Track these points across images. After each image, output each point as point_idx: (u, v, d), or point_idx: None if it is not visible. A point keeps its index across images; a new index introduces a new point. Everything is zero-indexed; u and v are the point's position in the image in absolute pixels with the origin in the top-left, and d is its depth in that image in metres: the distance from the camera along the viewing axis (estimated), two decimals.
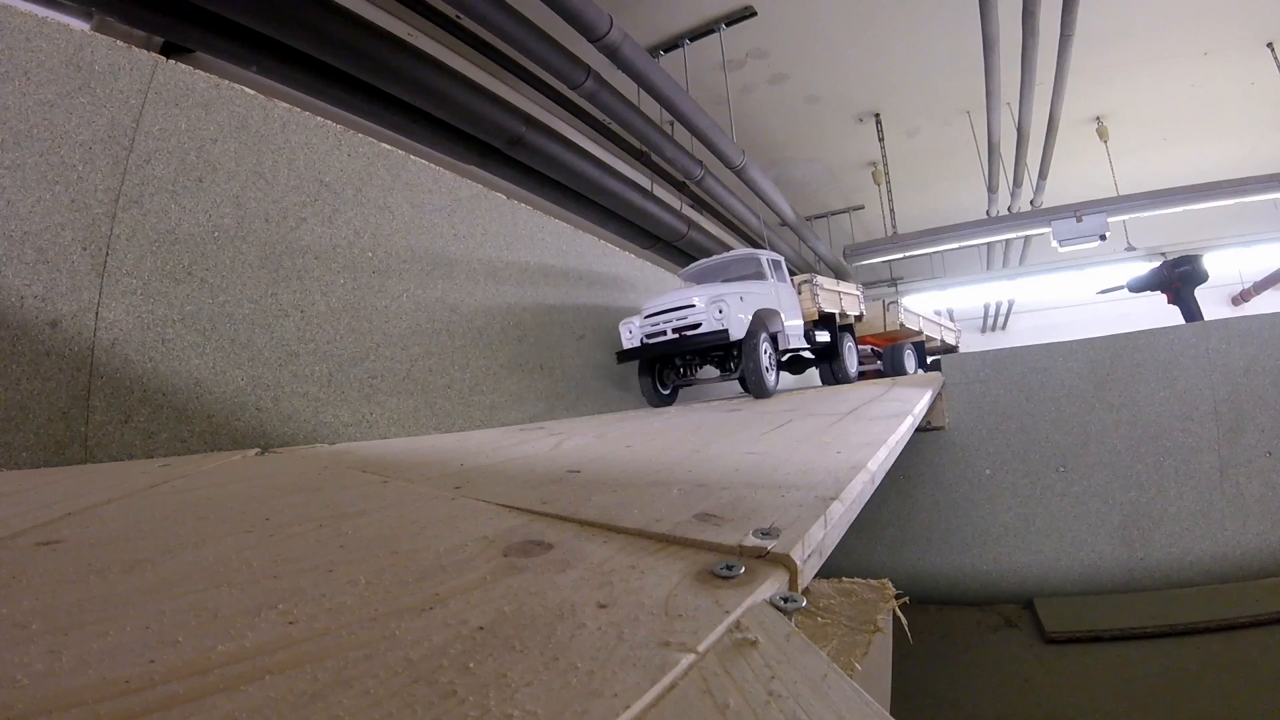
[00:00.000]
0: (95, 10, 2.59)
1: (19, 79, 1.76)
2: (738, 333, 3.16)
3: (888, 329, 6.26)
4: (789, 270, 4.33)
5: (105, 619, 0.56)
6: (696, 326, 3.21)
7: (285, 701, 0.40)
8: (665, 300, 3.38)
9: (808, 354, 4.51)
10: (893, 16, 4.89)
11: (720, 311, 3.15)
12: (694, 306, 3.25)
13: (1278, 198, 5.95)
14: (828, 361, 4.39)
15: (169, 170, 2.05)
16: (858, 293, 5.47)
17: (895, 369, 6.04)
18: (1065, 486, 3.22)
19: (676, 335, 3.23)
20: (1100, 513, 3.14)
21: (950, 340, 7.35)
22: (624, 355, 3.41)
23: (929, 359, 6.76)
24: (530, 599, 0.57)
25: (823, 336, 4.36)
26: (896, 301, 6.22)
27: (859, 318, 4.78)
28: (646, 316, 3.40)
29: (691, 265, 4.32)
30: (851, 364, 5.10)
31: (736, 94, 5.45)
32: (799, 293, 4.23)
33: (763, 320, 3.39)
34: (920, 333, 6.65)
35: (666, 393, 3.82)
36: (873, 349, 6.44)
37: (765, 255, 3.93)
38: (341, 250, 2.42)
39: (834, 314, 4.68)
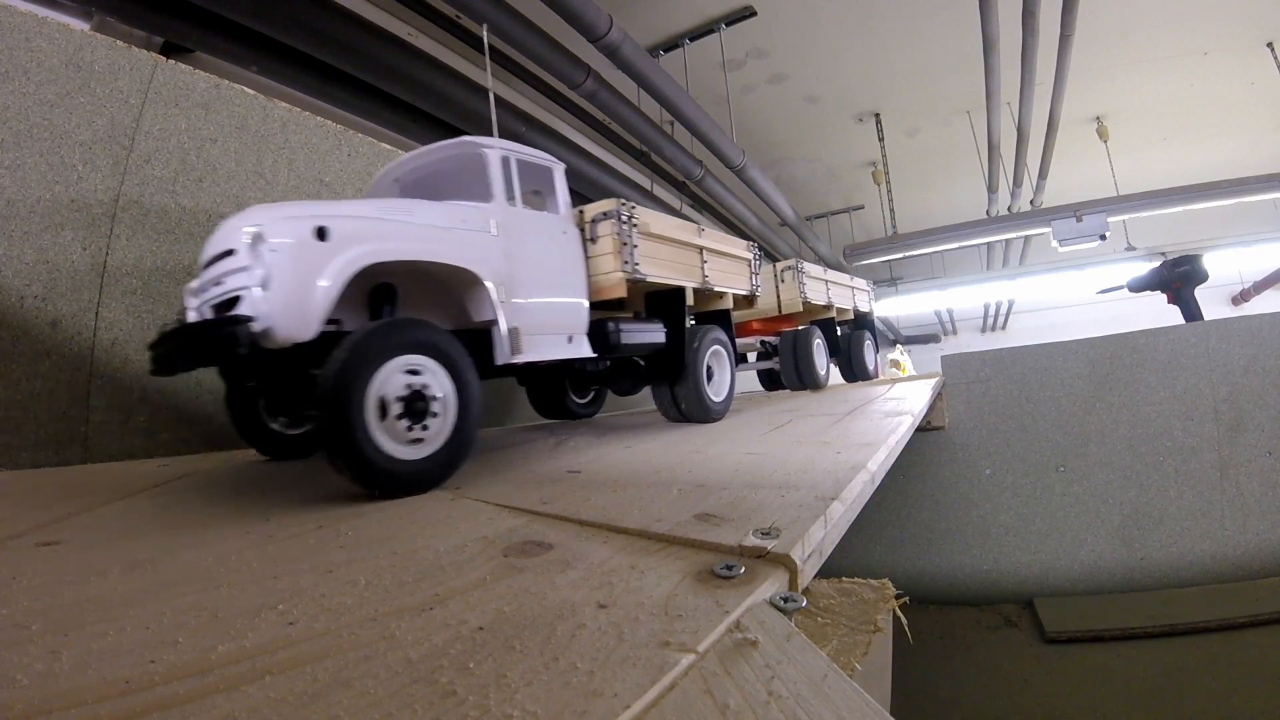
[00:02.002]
0: (95, 10, 2.59)
1: (19, 79, 1.76)
2: (288, 323, 1.25)
3: (785, 308, 4.01)
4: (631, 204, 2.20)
5: (105, 619, 0.56)
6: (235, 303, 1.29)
7: (285, 701, 0.40)
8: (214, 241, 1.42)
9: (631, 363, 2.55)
10: (893, 16, 4.89)
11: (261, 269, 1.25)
12: (234, 255, 1.32)
13: (1278, 198, 5.95)
14: (668, 377, 2.38)
15: (169, 170, 2.06)
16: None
17: (802, 370, 3.85)
18: (1065, 486, 3.21)
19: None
20: (1100, 513, 3.14)
21: (863, 305, 4.98)
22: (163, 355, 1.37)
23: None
24: (530, 599, 0.57)
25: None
26: (796, 267, 3.91)
27: (749, 298, 2.97)
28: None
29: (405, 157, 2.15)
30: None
31: (736, 94, 5.45)
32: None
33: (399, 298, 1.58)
34: (830, 307, 4.34)
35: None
36: (763, 341, 4.17)
37: (495, 150, 1.87)
38: None
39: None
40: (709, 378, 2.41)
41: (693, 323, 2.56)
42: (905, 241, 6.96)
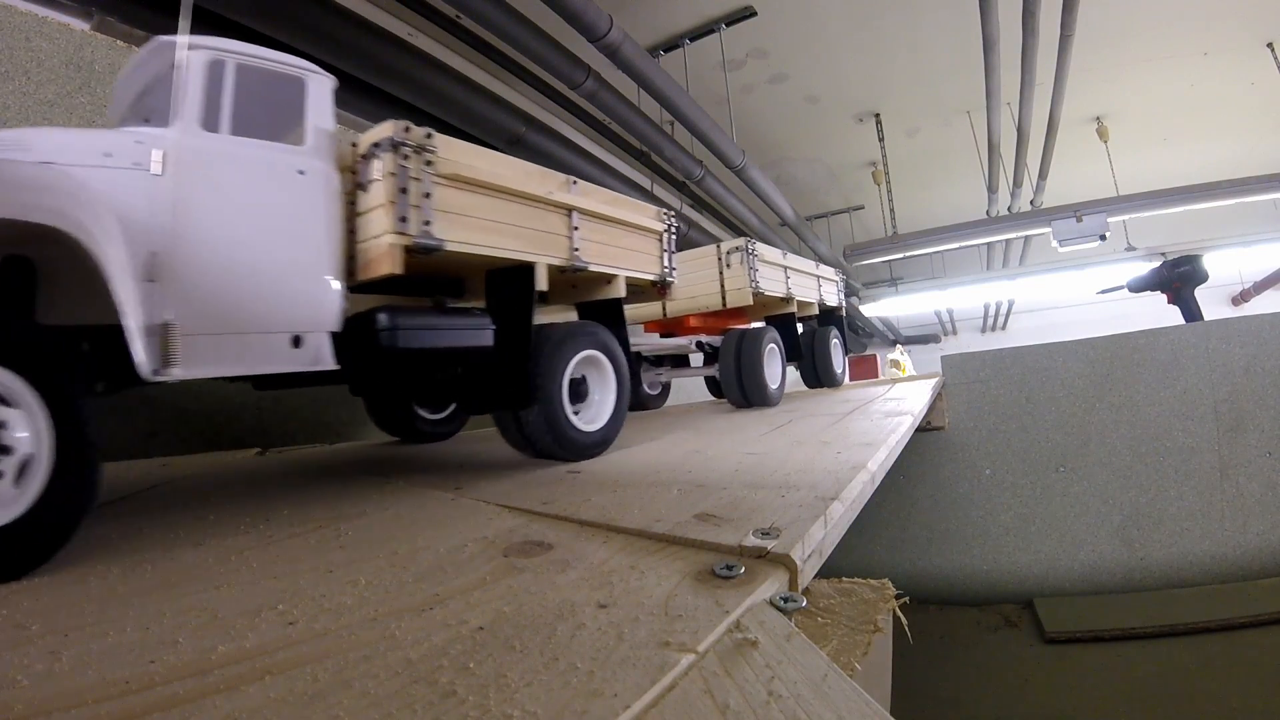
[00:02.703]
0: (95, 10, 2.59)
1: (19, 78, 1.76)
2: None
3: (731, 301, 3.18)
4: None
5: (105, 619, 0.56)
6: None
7: (285, 701, 0.40)
8: None
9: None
10: (893, 16, 4.89)
11: None
12: None
13: (1278, 198, 5.94)
14: (502, 397, 1.61)
15: None
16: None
17: (745, 379, 2.94)
18: (1065, 486, 3.21)
19: None
20: (1100, 513, 3.14)
21: (830, 298, 4.12)
22: None
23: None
24: (530, 599, 0.57)
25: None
26: (746, 249, 3.12)
27: (659, 285, 2.20)
28: None
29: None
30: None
31: (736, 94, 5.45)
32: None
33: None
34: (789, 300, 3.53)
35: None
36: (701, 342, 3.27)
37: (198, 52, 1.33)
38: None
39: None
40: (579, 397, 1.65)
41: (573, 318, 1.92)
42: (905, 241, 6.96)
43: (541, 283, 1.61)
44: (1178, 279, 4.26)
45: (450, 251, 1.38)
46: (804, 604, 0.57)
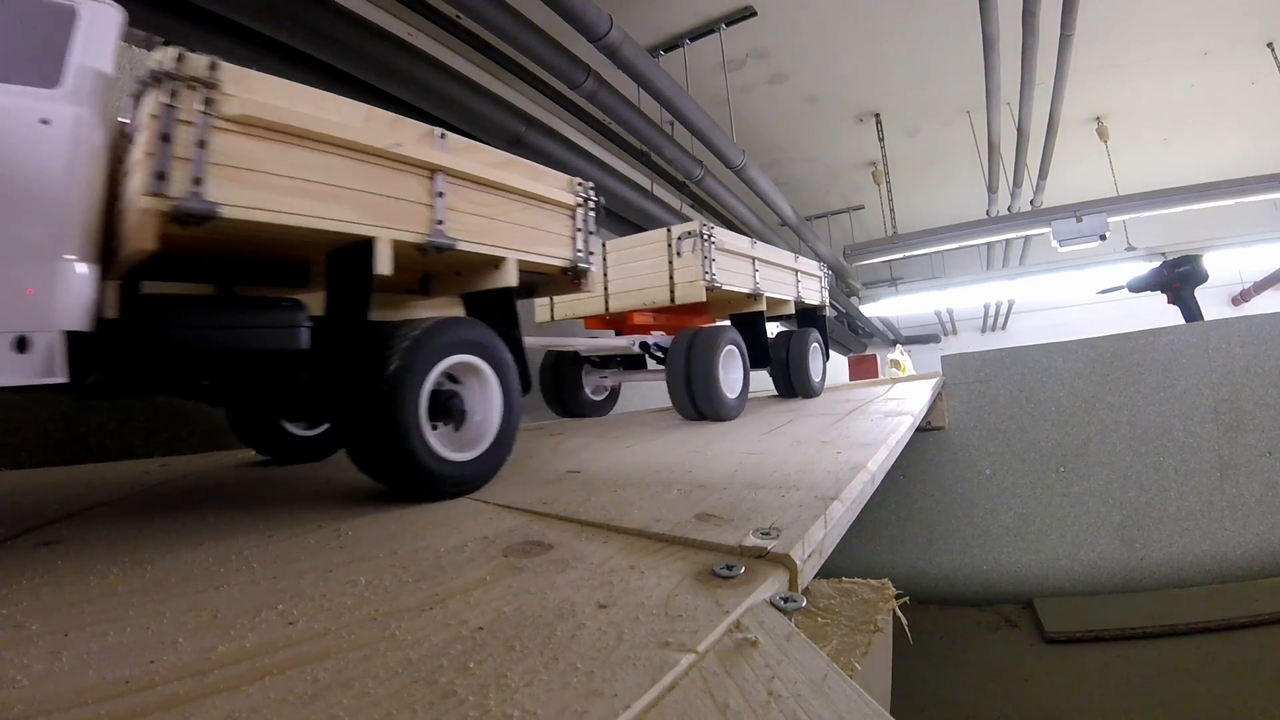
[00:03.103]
0: None
1: None
2: None
3: (681, 296, 2.64)
4: None
5: (105, 619, 0.56)
6: None
7: (285, 701, 0.40)
8: None
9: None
10: (893, 16, 4.89)
11: None
12: None
13: (1278, 198, 5.94)
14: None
15: None
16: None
17: (696, 388, 2.37)
18: (1065, 486, 3.21)
19: None
20: (1100, 513, 3.14)
21: (812, 296, 3.53)
22: None
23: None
24: (530, 599, 0.57)
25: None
26: (700, 234, 2.57)
27: (571, 274, 1.78)
28: None
29: None
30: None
31: (736, 94, 5.45)
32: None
33: None
34: (757, 296, 2.95)
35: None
36: (646, 343, 2.78)
37: None
38: None
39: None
40: (445, 413, 1.23)
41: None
42: (905, 241, 6.96)
43: (383, 264, 1.22)
44: (1178, 279, 4.26)
45: (234, 220, 1.02)
46: (804, 604, 0.57)
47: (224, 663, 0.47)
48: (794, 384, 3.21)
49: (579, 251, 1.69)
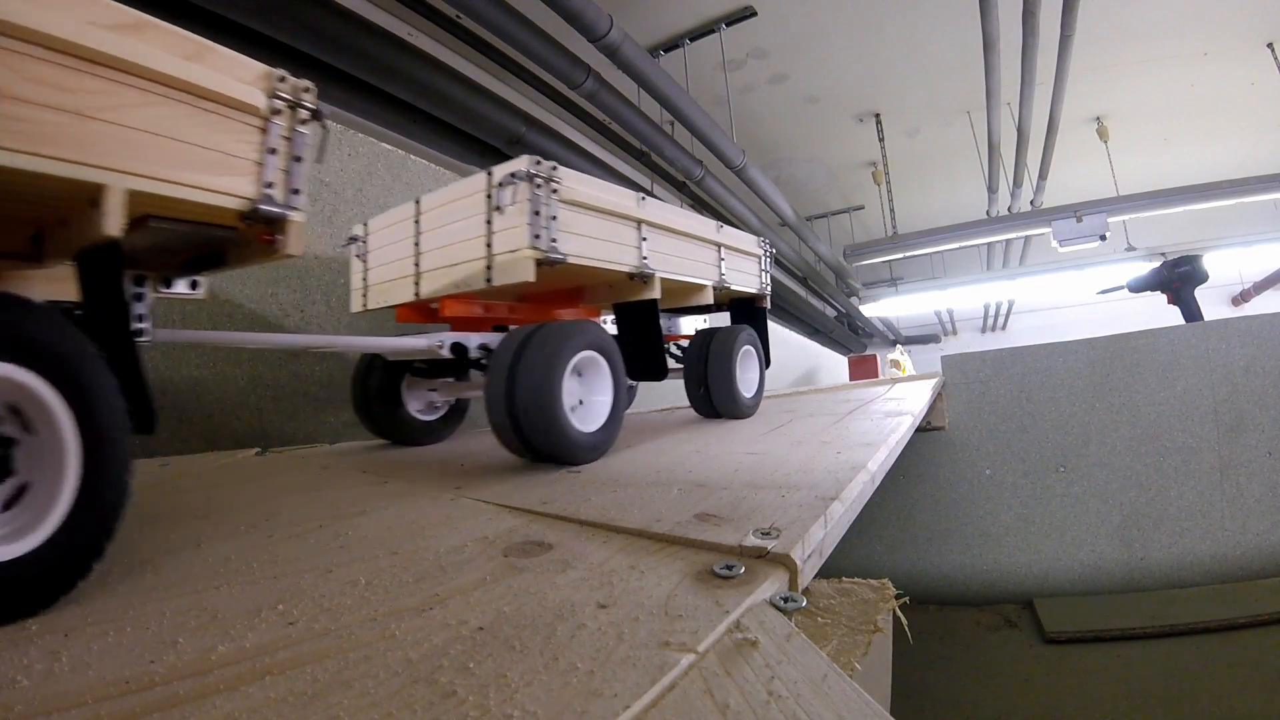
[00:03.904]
0: None
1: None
2: None
3: (499, 274, 1.42)
4: None
5: (105, 619, 0.56)
6: None
7: (285, 702, 0.40)
8: None
9: None
10: (893, 16, 4.89)
11: None
12: None
13: (1278, 198, 5.95)
14: None
15: None
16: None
17: (525, 418, 1.24)
18: (1065, 486, 3.21)
19: None
20: (1100, 513, 3.14)
21: (745, 281, 2.36)
22: None
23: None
24: (530, 599, 0.57)
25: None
26: (530, 177, 1.35)
27: (256, 221, 0.96)
28: None
29: None
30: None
31: (736, 94, 5.45)
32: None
33: None
34: (647, 279, 1.78)
35: None
36: (461, 344, 1.59)
37: None
38: (341, 250, 2.42)
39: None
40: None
41: None
42: (905, 241, 6.96)
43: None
44: (1178, 279, 4.26)
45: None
46: (804, 604, 0.57)
47: (224, 663, 0.47)
48: (713, 399, 2.18)
49: (270, 186, 1.04)
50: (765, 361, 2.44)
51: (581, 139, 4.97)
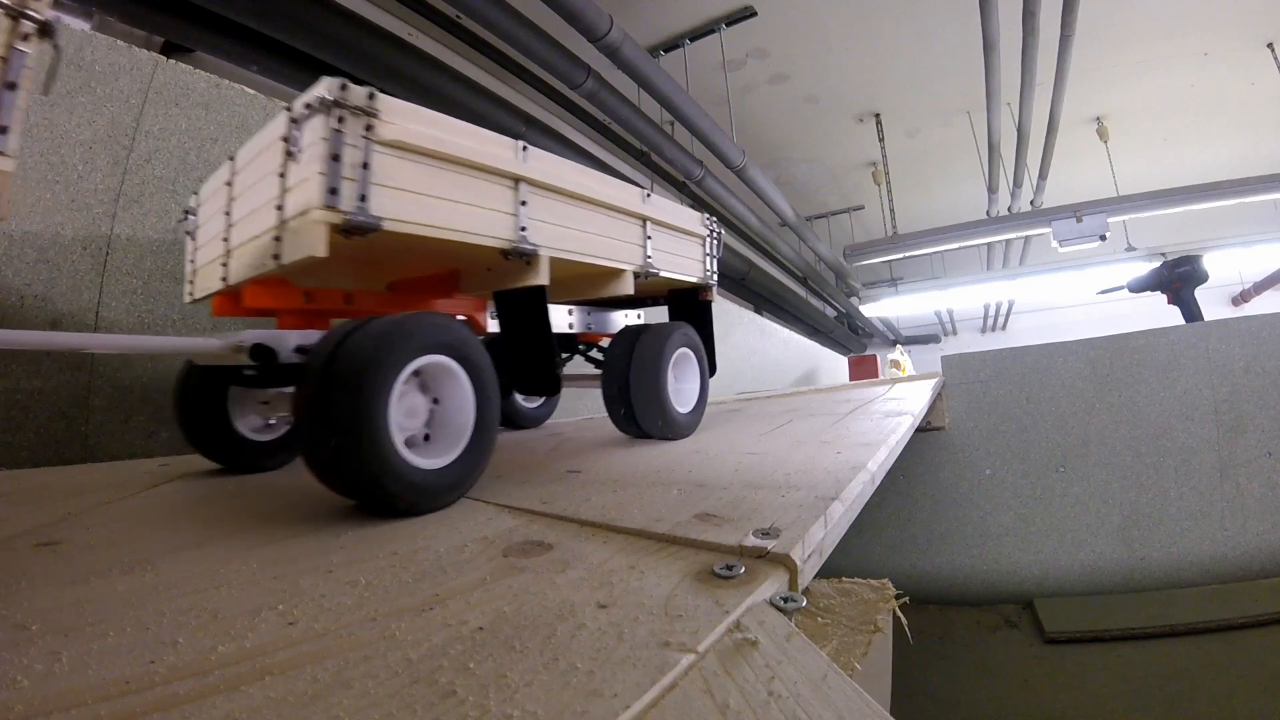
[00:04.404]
0: (95, 10, 2.59)
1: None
2: None
3: (288, 249, 0.96)
4: None
5: (105, 619, 0.56)
6: None
7: (285, 702, 0.40)
8: None
9: None
10: (893, 16, 4.89)
11: None
12: None
13: (1278, 198, 5.95)
14: None
15: (169, 170, 2.06)
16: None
17: (323, 445, 0.84)
18: (1065, 487, 3.21)
19: None
20: (1100, 513, 3.14)
21: (687, 269, 1.84)
22: None
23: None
24: (530, 599, 0.57)
25: None
26: (328, 105, 0.87)
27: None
28: None
29: None
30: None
31: (736, 94, 5.45)
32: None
33: None
34: (528, 256, 1.22)
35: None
36: (265, 346, 1.07)
37: None
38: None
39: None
40: None
41: None
42: (905, 241, 6.96)
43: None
44: (1178, 279, 4.26)
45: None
46: (804, 604, 0.57)
47: (224, 663, 0.47)
48: (637, 415, 1.66)
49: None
50: (710, 368, 1.91)
51: (581, 139, 4.97)
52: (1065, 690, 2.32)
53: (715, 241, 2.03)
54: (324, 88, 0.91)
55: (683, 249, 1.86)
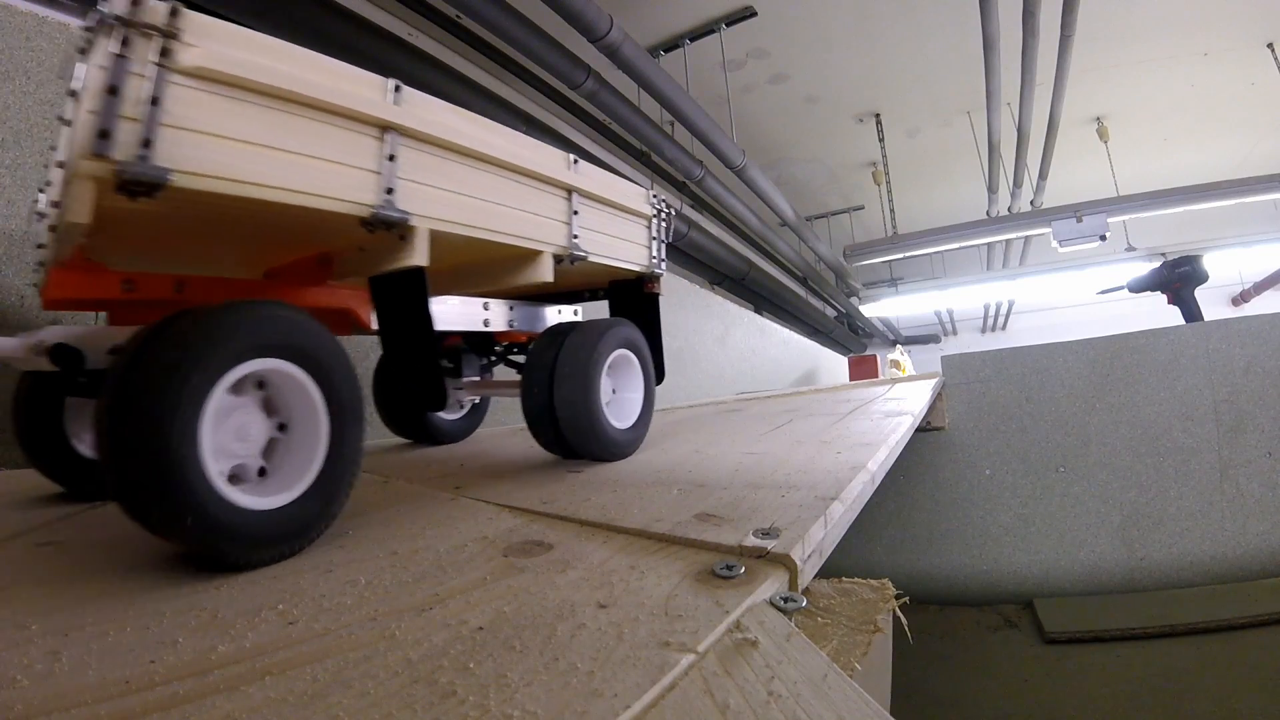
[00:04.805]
0: (91, 8, 2.59)
1: (19, 78, 1.76)
2: None
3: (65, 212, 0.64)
4: None
5: (105, 619, 0.56)
6: None
7: (285, 702, 0.40)
8: None
9: None
10: (893, 16, 4.89)
11: None
12: None
13: (1278, 198, 5.95)
14: None
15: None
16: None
17: (153, 525, 0.63)
18: (1065, 487, 3.21)
19: None
20: (1100, 513, 3.14)
21: (631, 254, 1.50)
22: None
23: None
24: (530, 599, 0.57)
25: None
26: (124, 24, 0.63)
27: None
28: None
29: None
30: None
31: (736, 94, 5.45)
32: None
33: None
34: (399, 229, 0.93)
35: None
36: (67, 347, 0.94)
37: None
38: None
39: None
40: None
41: None
42: (905, 242, 6.96)
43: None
44: (1178, 279, 4.26)
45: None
46: (804, 604, 0.57)
47: (224, 663, 0.47)
48: (563, 430, 1.31)
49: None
50: (657, 374, 1.60)
51: (581, 139, 4.97)
52: (1065, 690, 2.32)
53: (664, 224, 1.69)
54: (111, 2, 0.69)
55: (622, 230, 1.52)
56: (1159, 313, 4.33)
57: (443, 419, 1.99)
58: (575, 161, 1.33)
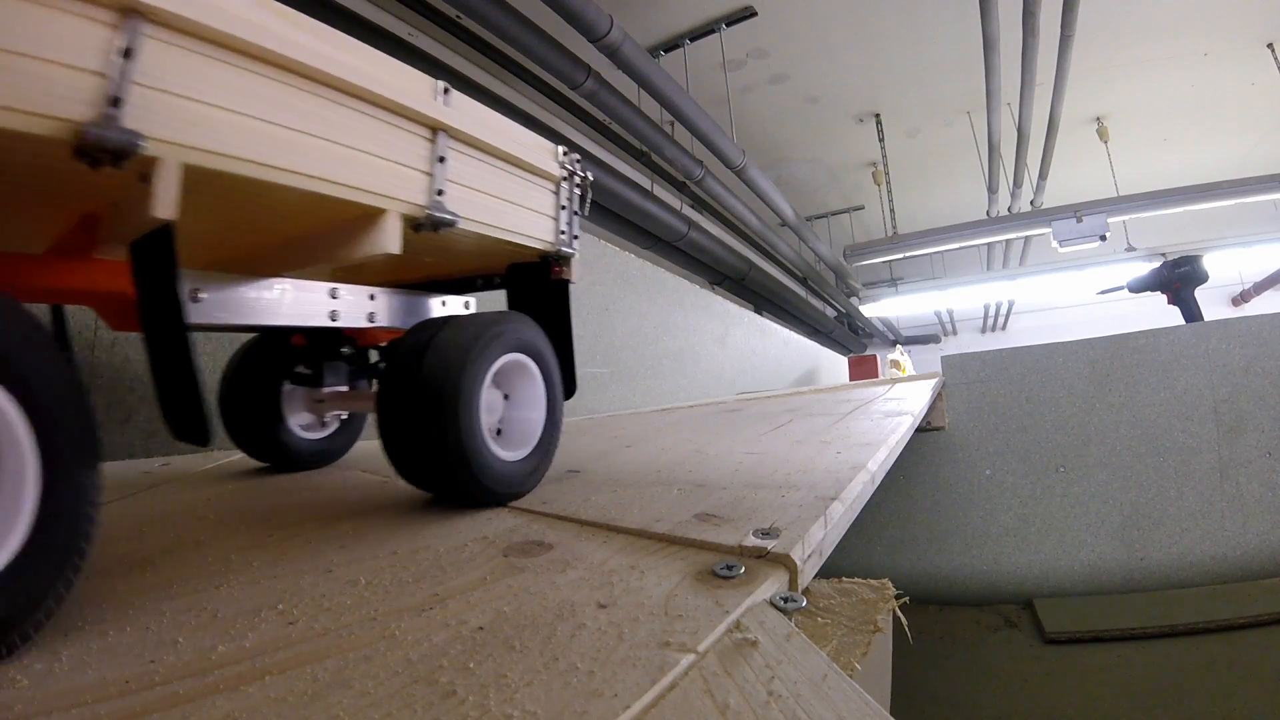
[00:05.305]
0: None
1: None
2: None
3: None
4: None
5: (105, 619, 0.56)
6: None
7: (285, 701, 0.40)
8: None
9: None
10: (893, 16, 4.89)
11: None
12: None
13: (1278, 198, 5.95)
14: None
15: None
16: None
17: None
18: (1065, 487, 3.21)
19: None
20: (1100, 513, 3.14)
21: (529, 228, 1.08)
22: None
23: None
24: (530, 599, 0.57)
25: None
26: None
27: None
28: None
29: None
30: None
31: (736, 94, 5.46)
32: None
33: None
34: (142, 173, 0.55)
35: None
36: None
37: None
38: None
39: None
40: None
41: None
42: (905, 242, 6.96)
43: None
44: (1178, 279, 4.26)
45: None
46: (804, 604, 0.57)
47: (224, 663, 0.47)
48: (427, 456, 0.89)
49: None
50: (567, 385, 1.18)
51: (582, 139, 4.97)
52: (1065, 690, 2.32)
53: (578, 190, 1.27)
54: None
55: (517, 193, 1.09)
56: (1159, 313, 4.33)
57: (301, 437, 1.47)
58: (447, 91, 0.93)
